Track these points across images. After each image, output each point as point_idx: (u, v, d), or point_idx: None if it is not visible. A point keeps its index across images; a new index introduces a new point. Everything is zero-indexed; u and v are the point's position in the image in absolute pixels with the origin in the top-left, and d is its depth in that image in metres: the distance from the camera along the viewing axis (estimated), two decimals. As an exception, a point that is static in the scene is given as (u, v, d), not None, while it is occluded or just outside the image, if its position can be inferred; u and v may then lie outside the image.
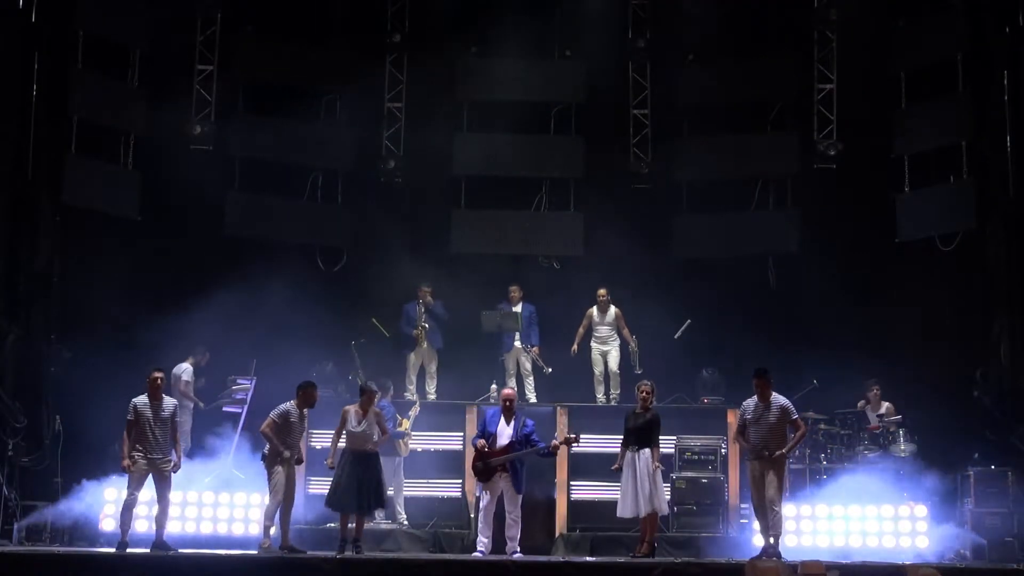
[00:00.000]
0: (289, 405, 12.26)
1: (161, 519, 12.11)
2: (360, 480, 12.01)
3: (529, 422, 12.41)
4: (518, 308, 15.42)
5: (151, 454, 11.97)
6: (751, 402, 12.09)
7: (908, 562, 11.54)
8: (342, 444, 12.24)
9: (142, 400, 12.05)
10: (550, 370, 15.16)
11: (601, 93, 16.99)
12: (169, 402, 12.24)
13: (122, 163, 15.69)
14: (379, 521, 13.58)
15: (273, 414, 12.21)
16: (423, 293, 15.35)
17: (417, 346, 15.28)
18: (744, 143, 16.96)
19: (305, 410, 12.39)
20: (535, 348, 15.33)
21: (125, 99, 15.70)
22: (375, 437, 12.19)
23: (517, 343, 15.33)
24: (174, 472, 12.23)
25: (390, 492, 13.44)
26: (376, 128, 16.94)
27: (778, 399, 12.01)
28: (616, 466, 12.31)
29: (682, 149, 16.96)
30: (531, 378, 15.33)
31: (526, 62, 17.11)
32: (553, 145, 17.19)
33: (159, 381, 12.15)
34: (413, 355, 15.31)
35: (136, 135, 15.76)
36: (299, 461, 12.39)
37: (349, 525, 12.16)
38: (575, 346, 15.23)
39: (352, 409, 12.29)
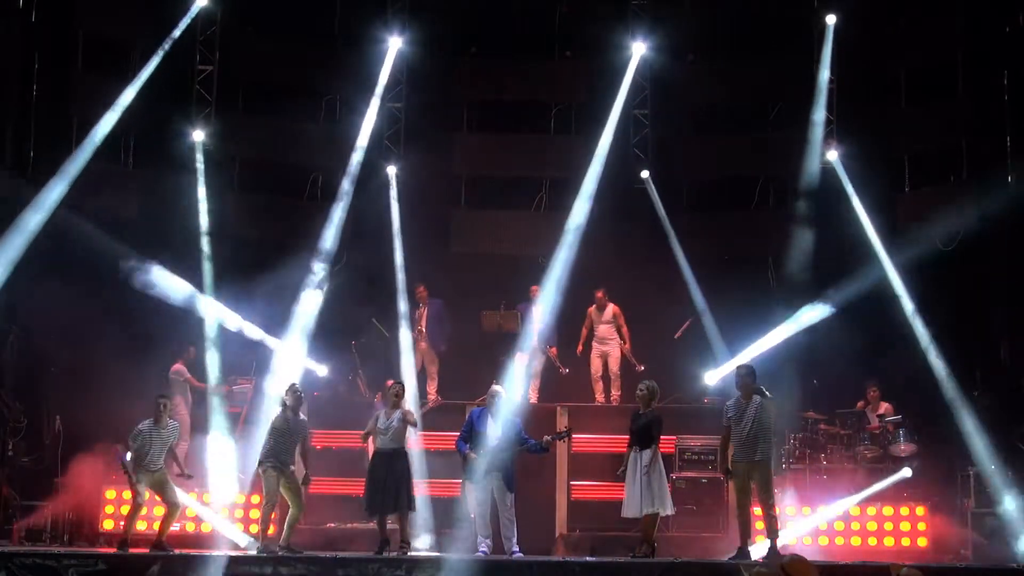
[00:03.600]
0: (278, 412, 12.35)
1: (166, 522, 12.15)
2: (388, 480, 12.03)
3: (517, 421, 12.41)
4: (539, 308, 15.41)
5: (152, 470, 12.05)
6: (732, 402, 12.02)
7: (891, 562, 11.52)
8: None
9: (147, 425, 12.14)
10: (567, 370, 15.17)
11: (601, 93, 17.00)
12: (173, 425, 12.34)
13: (122, 163, 15.69)
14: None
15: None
16: (420, 294, 15.38)
17: (416, 347, 15.29)
18: (744, 143, 16.96)
19: (298, 415, 12.35)
20: (553, 348, 15.35)
21: (125, 99, 15.67)
22: (402, 435, 12.21)
23: (535, 343, 15.35)
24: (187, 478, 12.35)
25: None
26: (376, 128, 16.93)
27: (756, 397, 11.82)
28: (621, 469, 12.26)
29: (682, 149, 16.95)
30: (536, 379, 15.34)
31: (526, 62, 17.12)
32: (553, 145, 17.19)
33: (163, 407, 12.23)
34: (414, 357, 15.32)
35: (136, 135, 15.76)
36: (305, 481, 12.36)
37: (389, 526, 12.17)
38: (580, 346, 15.24)
39: (382, 410, 12.33)
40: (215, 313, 14.85)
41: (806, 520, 13.27)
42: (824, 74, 15.98)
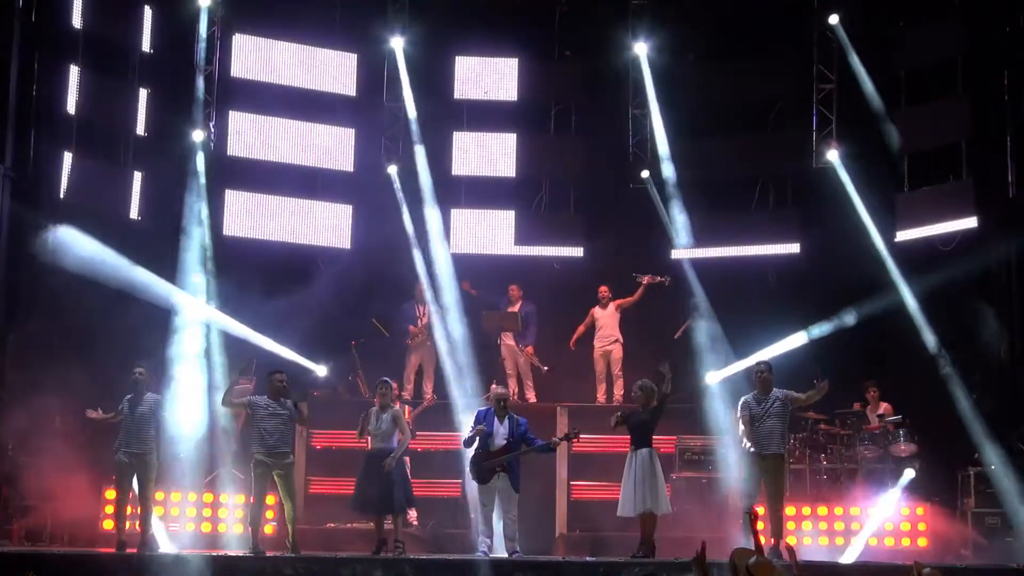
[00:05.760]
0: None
1: (146, 519, 12.13)
2: (374, 480, 12.01)
3: (523, 421, 12.41)
4: (517, 307, 15.43)
5: (132, 449, 12.01)
6: (751, 397, 12.02)
7: (911, 561, 11.53)
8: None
9: (127, 396, 12.17)
10: (547, 368, 15.15)
11: (601, 93, 16.99)
12: (153, 398, 12.27)
13: (122, 163, 15.67)
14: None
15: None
16: (419, 292, 15.41)
17: (417, 346, 15.29)
18: (744, 143, 16.94)
19: (283, 401, 12.25)
20: (529, 348, 15.34)
21: (125, 99, 15.67)
22: (391, 435, 12.19)
23: (510, 342, 15.34)
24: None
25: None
26: (377, 128, 16.92)
27: (778, 392, 11.95)
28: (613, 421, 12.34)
29: (682, 149, 16.92)
30: (529, 379, 15.34)
31: (527, 62, 17.11)
32: (553, 145, 17.19)
33: (138, 375, 12.26)
34: (413, 355, 15.33)
35: (136, 135, 15.74)
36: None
37: (386, 526, 12.14)
38: (573, 341, 15.23)
39: (373, 409, 12.33)
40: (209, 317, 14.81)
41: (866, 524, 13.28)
42: (859, 68, 15.95)
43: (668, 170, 16.53)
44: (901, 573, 10.60)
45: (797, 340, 14.78)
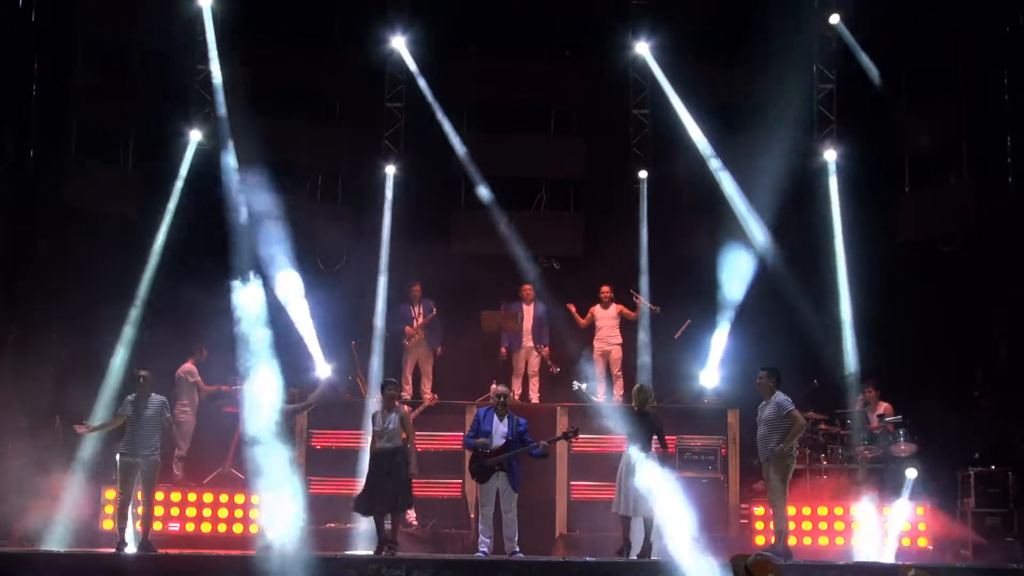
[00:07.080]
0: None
1: (148, 520, 12.14)
2: (383, 479, 12.00)
3: (522, 421, 12.42)
4: (531, 307, 15.41)
5: (137, 451, 12.02)
6: (763, 402, 12.10)
7: (900, 562, 11.58)
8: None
9: (129, 400, 12.14)
10: (558, 370, 15.16)
11: (601, 93, 16.99)
12: (158, 400, 12.28)
13: (122, 163, 15.69)
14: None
15: None
16: (415, 291, 15.40)
17: (414, 346, 15.28)
18: (744, 143, 16.93)
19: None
20: (546, 348, 15.34)
21: (125, 99, 15.68)
22: (398, 435, 12.18)
23: (528, 343, 15.34)
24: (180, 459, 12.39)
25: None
26: (376, 128, 16.92)
27: (775, 398, 11.96)
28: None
29: (682, 149, 16.92)
30: (536, 378, 15.34)
31: (526, 62, 17.11)
32: (553, 145, 17.18)
33: (142, 379, 12.25)
34: (410, 356, 15.33)
35: (136, 135, 15.75)
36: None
37: (386, 526, 12.14)
38: (574, 309, 15.27)
39: (378, 411, 12.32)
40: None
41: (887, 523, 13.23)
42: (867, 64, 15.95)
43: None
44: (891, 574, 10.65)
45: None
